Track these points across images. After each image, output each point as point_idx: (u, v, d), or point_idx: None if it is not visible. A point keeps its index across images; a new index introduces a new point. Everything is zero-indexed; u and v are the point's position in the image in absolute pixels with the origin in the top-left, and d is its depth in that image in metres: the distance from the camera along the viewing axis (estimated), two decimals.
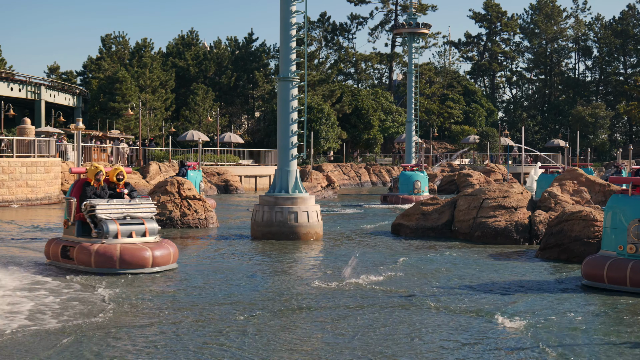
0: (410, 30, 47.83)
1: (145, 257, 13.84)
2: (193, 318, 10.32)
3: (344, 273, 13.72)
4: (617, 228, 12.61)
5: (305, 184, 37.84)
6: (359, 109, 68.61)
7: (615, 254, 12.58)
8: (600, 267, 12.60)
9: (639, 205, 12.50)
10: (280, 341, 9.13)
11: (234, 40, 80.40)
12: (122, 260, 13.73)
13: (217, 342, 9.07)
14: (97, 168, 14.69)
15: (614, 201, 12.91)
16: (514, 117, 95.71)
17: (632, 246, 12.38)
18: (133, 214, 14.43)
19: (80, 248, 14.05)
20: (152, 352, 8.59)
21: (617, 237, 12.60)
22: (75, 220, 14.44)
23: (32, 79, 58.22)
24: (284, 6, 20.76)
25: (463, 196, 21.38)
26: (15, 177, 32.29)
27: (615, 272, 12.36)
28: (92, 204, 14.16)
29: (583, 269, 13.09)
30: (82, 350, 8.56)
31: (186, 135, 56.18)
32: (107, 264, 13.75)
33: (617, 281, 12.36)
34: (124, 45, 74.69)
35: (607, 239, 12.85)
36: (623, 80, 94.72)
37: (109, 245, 13.88)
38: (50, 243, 15.04)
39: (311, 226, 20.33)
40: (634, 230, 12.37)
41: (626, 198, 12.72)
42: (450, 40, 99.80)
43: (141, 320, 10.13)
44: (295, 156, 21.02)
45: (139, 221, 14.37)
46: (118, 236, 14.00)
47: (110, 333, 9.37)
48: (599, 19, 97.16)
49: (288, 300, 11.64)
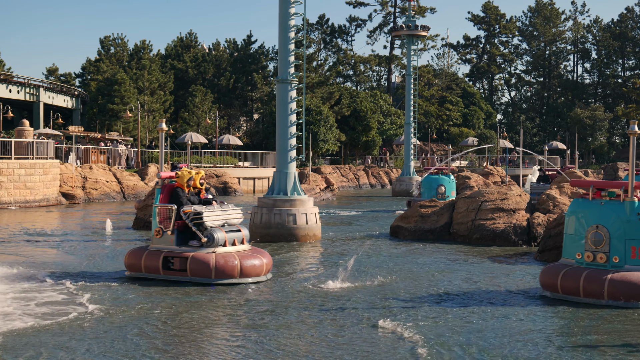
0: (408, 32, 47.80)
1: (258, 266, 13.27)
2: (185, 315, 10.32)
3: (339, 276, 13.71)
4: (577, 234, 11.87)
5: (304, 186, 37.83)
6: (358, 111, 68.60)
7: (574, 262, 11.84)
8: (555, 276, 11.84)
9: (599, 210, 11.70)
10: (269, 343, 9.13)
11: (232, 42, 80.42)
12: (241, 270, 13.04)
13: (206, 341, 9.06)
14: (189, 173, 13.78)
15: (575, 206, 12.20)
16: (512, 120, 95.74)
17: (590, 254, 11.58)
18: (229, 220, 13.70)
19: (194, 259, 13.01)
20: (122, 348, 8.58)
21: (576, 244, 11.85)
22: (175, 229, 13.36)
23: (31, 81, 58.22)
24: (283, 8, 20.76)
25: (461, 198, 21.39)
26: (13, 178, 32.26)
27: (569, 281, 11.59)
28: (198, 211, 13.23)
29: (540, 278, 12.37)
30: None
31: (185, 137, 56.15)
32: (226, 274, 12.96)
33: (570, 291, 11.59)
34: (123, 47, 74.69)
35: (567, 246, 12.12)
36: (621, 82, 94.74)
37: (226, 254, 13.10)
38: (138, 255, 13.60)
39: (309, 228, 20.32)
40: (592, 237, 11.58)
41: (586, 203, 11.94)
42: (449, 43, 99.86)
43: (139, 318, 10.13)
44: (294, 158, 21.01)
45: (236, 228, 13.64)
46: (226, 244, 13.23)
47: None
48: (598, 22, 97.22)
49: (280, 301, 11.64)
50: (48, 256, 17.11)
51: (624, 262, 11.33)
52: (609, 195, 11.78)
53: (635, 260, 11.37)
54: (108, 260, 16.35)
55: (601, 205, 11.70)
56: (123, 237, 21.05)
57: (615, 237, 11.42)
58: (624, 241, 11.36)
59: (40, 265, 15.31)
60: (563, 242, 12.36)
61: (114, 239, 20.70)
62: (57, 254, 17.43)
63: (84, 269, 14.92)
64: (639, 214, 11.38)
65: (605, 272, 11.33)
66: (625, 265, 11.32)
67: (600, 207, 11.69)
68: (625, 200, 11.55)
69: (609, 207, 11.63)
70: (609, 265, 11.39)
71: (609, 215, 11.55)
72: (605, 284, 11.23)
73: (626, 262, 11.34)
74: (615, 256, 11.37)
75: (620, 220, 11.44)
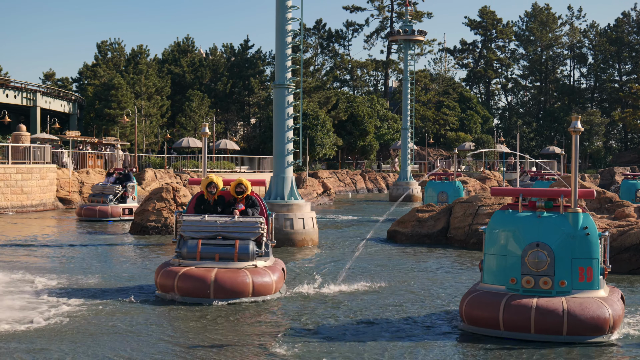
0: (405, 37, 47.84)
1: (240, 284, 11.71)
2: (177, 321, 10.31)
3: (334, 281, 13.70)
4: (508, 255, 9.63)
5: (301, 191, 37.83)
6: (355, 115, 68.67)
7: (504, 289, 9.56)
8: (492, 308, 9.38)
9: (537, 225, 9.63)
10: (258, 348, 9.12)
11: (229, 47, 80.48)
12: (214, 288, 11.60)
13: (193, 344, 9.05)
14: (208, 178, 12.78)
15: (500, 220, 9.91)
16: (509, 124, 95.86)
17: (530, 279, 9.43)
18: (227, 233, 12.27)
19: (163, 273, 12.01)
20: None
21: (508, 267, 9.60)
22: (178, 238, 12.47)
23: (28, 86, 58.17)
24: (280, 13, 20.79)
25: (459, 203, 21.41)
26: (10, 183, 32.23)
27: (515, 314, 9.24)
28: (181, 219, 12.40)
29: (465, 310, 9.75)
30: None
31: (182, 141, 56.16)
32: (195, 292, 11.70)
33: (517, 326, 9.25)
34: (120, 52, 74.70)
35: (491, 269, 9.82)
36: (618, 87, 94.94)
37: (198, 269, 11.82)
38: (169, 273, 11.98)
39: (307, 233, 20.33)
40: (531, 258, 9.47)
41: (516, 216, 9.81)
42: (446, 48, 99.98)
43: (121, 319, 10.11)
44: (291, 163, 21.03)
45: (230, 242, 12.14)
46: (197, 258, 12.02)
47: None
48: (594, 27, 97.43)
49: (274, 307, 11.63)
50: (41, 261, 17.07)
51: (571, 287, 9.40)
52: (546, 206, 9.83)
53: (583, 284, 9.44)
54: (107, 267, 16.31)
55: (539, 218, 9.67)
56: (120, 242, 21.05)
57: (561, 257, 9.43)
58: (571, 261, 9.42)
59: (35, 270, 15.26)
60: (482, 264, 9.98)
61: (111, 244, 20.68)
62: (53, 259, 17.39)
63: (92, 282, 14.71)
64: (586, 227, 9.51)
65: (557, 301, 9.19)
66: (572, 289, 9.40)
67: (539, 221, 9.65)
68: (567, 212, 9.64)
69: (551, 221, 9.62)
70: (554, 291, 9.38)
71: (552, 231, 9.54)
72: (564, 317, 9.09)
73: (573, 286, 9.41)
74: (562, 280, 9.38)
75: (565, 236, 9.48)
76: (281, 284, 12.52)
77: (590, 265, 9.45)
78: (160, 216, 22.89)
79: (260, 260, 12.29)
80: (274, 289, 12.07)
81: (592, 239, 9.49)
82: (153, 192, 24.20)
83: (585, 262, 9.41)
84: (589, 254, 9.44)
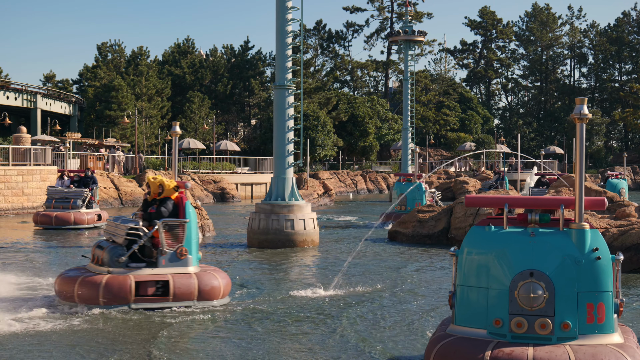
0: (405, 37, 47.82)
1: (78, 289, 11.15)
2: (181, 325, 10.31)
3: (334, 282, 13.71)
4: (488, 287, 6.98)
5: (302, 192, 37.85)
6: (355, 116, 68.68)
7: (485, 334, 6.92)
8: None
9: (529, 247, 6.96)
10: (257, 349, 9.11)
11: (230, 48, 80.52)
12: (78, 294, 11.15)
13: (200, 348, 9.06)
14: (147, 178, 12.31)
15: (478, 238, 7.25)
16: (510, 125, 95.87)
17: (522, 320, 6.81)
18: (110, 236, 11.76)
19: None
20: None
21: (488, 305, 6.94)
22: None
23: (28, 88, 58.21)
24: (280, 14, 20.78)
25: (459, 203, 21.40)
26: (11, 185, 32.22)
27: None
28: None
29: None
30: None
31: (182, 143, 56.17)
32: (62, 296, 11.40)
33: None
34: (120, 54, 74.75)
35: (467, 307, 7.10)
36: (618, 87, 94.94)
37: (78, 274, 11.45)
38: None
39: (307, 234, 20.32)
40: (522, 292, 6.80)
41: (500, 234, 7.12)
42: (446, 48, 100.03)
43: (133, 327, 10.12)
44: (292, 164, 21.02)
45: (110, 245, 11.56)
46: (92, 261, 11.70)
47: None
48: (594, 26, 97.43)
49: (277, 308, 11.62)
50: (39, 263, 17.06)
51: (577, 330, 6.79)
52: (540, 220, 7.17)
53: (592, 326, 6.81)
54: None
55: (532, 237, 7.00)
56: None
57: (563, 290, 6.81)
58: (576, 296, 6.80)
59: (36, 272, 15.26)
60: (454, 299, 7.24)
61: None
62: (50, 262, 17.38)
63: None
64: (596, 249, 6.90)
65: (560, 352, 6.57)
66: (578, 334, 6.78)
67: (532, 241, 6.98)
68: (571, 229, 7.02)
69: (548, 241, 6.97)
70: (555, 337, 6.77)
71: (550, 254, 6.90)
72: None
73: (580, 329, 6.80)
74: (565, 321, 6.76)
75: (568, 261, 6.86)
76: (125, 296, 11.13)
77: (602, 300, 6.81)
78: None
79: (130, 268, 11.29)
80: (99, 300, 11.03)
81: (604, 266, 6.86)
82: None
83: (595, 296, 6.80)
84: (600, 286, 6.82)
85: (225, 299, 11.86)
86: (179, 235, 11.52)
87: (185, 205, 11.70)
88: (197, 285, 11.39)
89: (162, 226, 11.37)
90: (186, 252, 11.48)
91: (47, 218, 24.90)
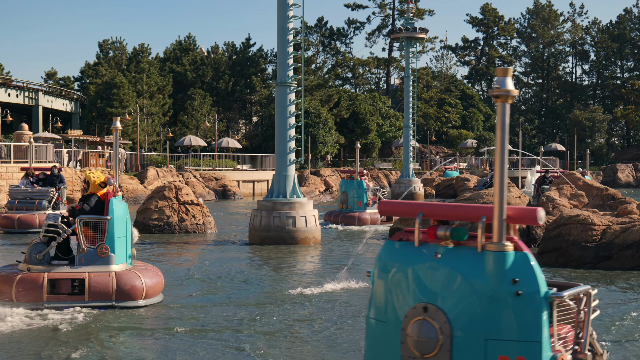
0: (407, 34, 47.77)
1: None
2: (187, 322, 10.31)
3: (335, 279, 13.70)
4: (386, 321, 4.81)
5: (303, 189, 37.86)
6: (357, 113, 68.66)
7: None
8: None
9: (429, 272, 4.65)
10: (255, 346, 9.12)
11: (231, 46, 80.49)
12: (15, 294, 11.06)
13: (201, 345, 9.06)
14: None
15: (386, 256, 4.94)
16: (511, 122, 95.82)
17: None
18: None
19: None
20: (142, 356, 8.57)
21: (386, 343, 4.80)
22: None
23: (30, 85, 58.27)
24: (281, 11, 20.77)
25: (461, 200, 21.39)
26: (13, 182, 32.23)
27: None
28: None
29: None
30: None
31: (184, 140, 56.20)
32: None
33: None
34: (122, 51, 74.78)
35: (371, 342, 4.94)
36: (620, 84, 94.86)
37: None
38: None
39: (309, 231, 20.31)
40: (414, 332, 4.56)
41: (405, 252, 4.84)
42: (448, 45, 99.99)
43: (137, 326, 10.12)
44: (293, 161, 21.01)
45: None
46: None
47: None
48: (596, 23, 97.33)
49: (277, 305, 11.63)
50: None
51: None
52: (453, 236, 4.79)
53: None
54: None
55: (437, 259, 4.68)
56: None
57: (464, 334, 4.47)
58: (484, 345, 4.40)
59: None
60: (365, 338, 5.06)
61: None
62: None
63: None
64: (515, 281, 4.37)
65: None
66: None
67: (434, 265, 4.68)
68: (488, 250, 4.54)
69: (451, 267, 4.61)
70: None
71: (451, 285, 4.57)
72: None
73: None
74: None
75: (475, 296, 4.46)
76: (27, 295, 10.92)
77: (523, 354, 4.33)
78: (162, 215, 22.88)
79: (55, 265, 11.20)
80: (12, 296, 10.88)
81: (531, 304, 4.37)
82: (155, 191, 24.18)
83: (512, 347, 4.35)
84: (521, 333, 4.35)
85: (155, 298, 11.49)
86: (101, 232, 11.21)
87: (109, 202, 11.35)
88: (115, 284, 11.06)
89: (79, 223, 11.13)
90: (107, 250, 11.13)
91: (10, 221, 22.26)
